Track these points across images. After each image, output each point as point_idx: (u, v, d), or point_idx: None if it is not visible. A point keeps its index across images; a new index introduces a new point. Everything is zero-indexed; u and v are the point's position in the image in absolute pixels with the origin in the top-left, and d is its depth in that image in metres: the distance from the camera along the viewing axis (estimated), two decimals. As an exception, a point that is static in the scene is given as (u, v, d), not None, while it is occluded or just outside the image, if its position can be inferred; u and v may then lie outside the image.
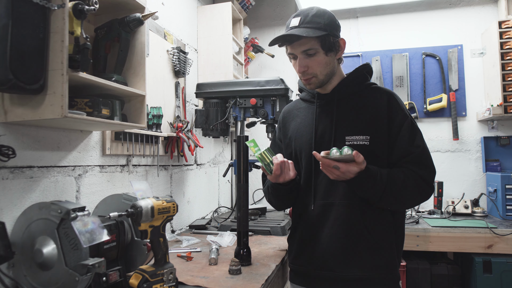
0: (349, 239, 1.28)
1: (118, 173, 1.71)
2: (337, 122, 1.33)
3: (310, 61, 1.28)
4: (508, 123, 2.87)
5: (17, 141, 1.19)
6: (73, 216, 0.97)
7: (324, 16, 1.26)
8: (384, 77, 3.10)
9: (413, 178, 1.24)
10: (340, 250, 1.28)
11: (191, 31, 2.56)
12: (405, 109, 1.33)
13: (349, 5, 3.09)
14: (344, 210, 1.29)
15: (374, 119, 1.30)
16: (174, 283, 1.14)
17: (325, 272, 1.31)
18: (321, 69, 1.30)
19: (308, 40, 1.25)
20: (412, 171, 1.25)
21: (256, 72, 3.39)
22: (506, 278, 2.26)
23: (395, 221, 1.32)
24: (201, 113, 2.03)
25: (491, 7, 2.93)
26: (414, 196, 1.28)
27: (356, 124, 1.30)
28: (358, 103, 1.34)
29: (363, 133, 1.29)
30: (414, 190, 1.25)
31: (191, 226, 2.19)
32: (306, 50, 1.26)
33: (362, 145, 1.27)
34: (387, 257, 1.28)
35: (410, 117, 1.31)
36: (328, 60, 1.30)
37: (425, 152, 1.29)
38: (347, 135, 1.30)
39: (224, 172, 2.11)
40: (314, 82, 1.33)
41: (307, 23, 1.24)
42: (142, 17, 1.34)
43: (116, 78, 1.32)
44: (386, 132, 1.29)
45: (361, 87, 1.37)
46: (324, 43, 1.26)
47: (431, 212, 2.73)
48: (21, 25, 0.97)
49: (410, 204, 1.36)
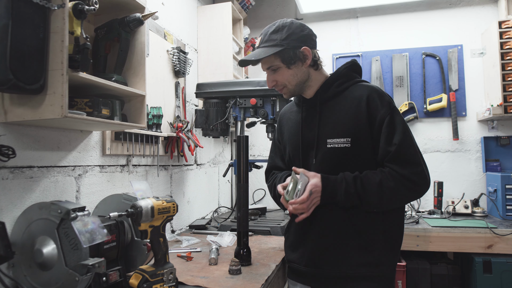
0: (336, 238, 1.30)
1: (118, 173, 1.71)
2: (319, 126, 1.35)
3: (277, 76, 1.35)
4: (508, 123, 2.87)
5: (17, 141, 1.19)
6: (73, 216, 0.97)
7: (282, 31, 1.29)
8: (384, 77, 3.10)
9: (393, 178, 1.22)
10: (328, 249, 1.32)
11: (191, 31, 2.56)
12: (386, 104, 1.27)
13: (349, 5, 3.09)
14: (332, 211, 1.31)
15: (355, 120, 1.28)
16: (174, 283, 1.14)
17: (314, 269, 1.35)
18: (289, 80, 1.35)
19: (268, 59, 1.31)
20: (393, 171, 1.23)
21: (256, 72, 3.39)
22: (506, 278, 2.26)
23: (386, 220, 1.30)
24: (201, 113, 2.03)
25: (491, 7, 2.93)
26: (400, 196, 1.25)
27: (337, 127, 1.31)
28: (340, 105, 1.33)
29: (344, 135, 1.28)
30: (397, 190, 1.22)
31: (191, 226, 2.19)
32: (269, 67, 1.34)
33: (343, 148, 1.28)
34: (376, 255, 1.28)
35: (390, 113, 1.26)
36: (293, 72, 1.33)
37: (403, 149, 1.23)
38: (328, 138, 1.31)
39: (224, 172, 2.12)
40: (286, 92, 1.39)
41: (265, 42, 1.31)
42: (142, 17, 1.34)
43: (116, 78, 1.32)
44: (368, 133, 1.27)
45: (344, 87, 1.35)
46: (284, 58, 1.30)
47: (431, 212, 2.73)
48: (21, 25, 0.97)
49: (399, 203, 1.31)
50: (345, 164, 1.29)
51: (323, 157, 1.32)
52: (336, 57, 3.18)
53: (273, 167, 1.57)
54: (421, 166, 1.24)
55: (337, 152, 1.29)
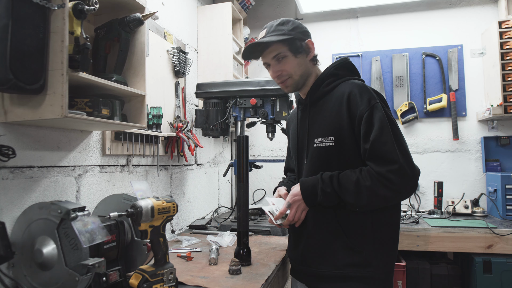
0: (324, 238, 1.32)
1: (118, 173, 1.71)
2: (309, 126, 1.38)
3: (282, 65, 1.36)
4: (508, 123, 2.87)
5: (17, 141, 1.19)
6: (73, 216, 0.97)
7: (287, 24, 1.35)
8: (384, 77, 3.10)
9: (370, 176, 1.19)
10: (316, 249, 1.35)
11: (191, 31, 2.56)
12: (366, 101, 1.24)
13: (349, 5, 3.09)
14: (321, 212, 1.33)
15: (337, 118, 1.28)
16: (174, 283, 1.14)
17: (304, 267, 1.40)
18: (295, 70, 1.36)
19: (275, 46, 1.33)
20: (370, 169, 1.21)
21: (256, 72, 3.39)
22: (506, 278, 2.26)
23: (375, 220, 1.28)
24: (201, 113, 2.03)
25: (491, 7, 2.93)
26: (379, 195, 1.19)
27: (323, 126, 1.32)
28: (326, 104, 1.34)
29: (328, 134, 1.29)
30: (374, 188, 1.18)
31: (191, 226, 2.19)
32: (276, 55, 1.34)
33: (328, 147, 1.29)
34: (364, 256, 1.27)
35: (369, 109, 1.22)
36: (299, 61, 1.36)
37: (378, 146, 1.19)
38: (315, 138, 1.33)
39: (224, 172, 2.12)
40: (290, 83, 1.38)
41: (272, 32, 1.34)
42: (142, 17, 1.34)
43: (116, 78, 1.32)
44: (351, 130, 1.26)
45: (332, 86, 1.35)
46: (291, 46, 1.33)
47: (431, 212, 2.73)
48: (21, 25, 0.97)
49: (382, 202, 1.23)
50: (331, 163, 1.29)
51: (312, 157, 1.35)
52: (336, 57, 3.18)
53: (287, 169, 1.76)
54: (398, 163, 1.16)
55: (322, 151, 1.31)
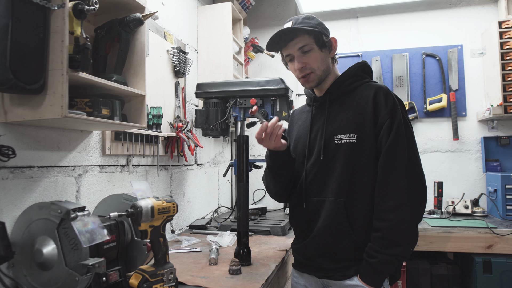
0: (332, 234, 1.31)
1: (118, 173, 1.70)
2: (328, 123, 1.37)
3: (307, 58, 1.34)
4: (508, 123, 2.87)
5: (17, 141, 1.19)
6: (73, 216, 0.97)
7: (313, 19, 1.36)
8: (384, 77, 3.10)
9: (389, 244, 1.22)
10: (323, 244, 1.33)
11: (191, 31, 2.56)
12: (391, 106, 1.27)
13: (349, 5, 3.09)
14: (330, 208, 1.31)
15: (361, 116, 1.30)
16: (174, 283, 1.14)
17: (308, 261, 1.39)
18: (318, 64, 1.35)
19: (303, 37, 1.32)
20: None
21: (256, 72, 3.39)
22: (506, 278, 2.26)
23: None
24: (201, 113, 2.03)
25: (491, 7, 2.93)
26: (410, 236, 1.30)
27: (344, 123, 1.33)
28: (349, 102, 1.35)
29: (351, 131, 1.30)
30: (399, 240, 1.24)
31: (191, 226, 2.19)
32: (302, 46, 1.33)
33: (349, 144, 1.30)
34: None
35: (391, 117, 1.26)
36: (324, 56, 1.36)
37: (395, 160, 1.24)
38: (335, 135, 1.33)
39: (224, 172, 2.11)
40: (312, 78, 1.37)
41: (299, 24, 1.33)
42: (142, 17, 1.34)
43: (116, 78, 1.32)
44: (372, 129, 1.28)
45: (354, 86, 1.37)
46: (318, 40, 1.33)
47: (431, 212, 2.73)
48: (21, 25, 0.97)
49: (415, 228, 1.38)
50: (351, 160, 1.30)
51: (331, 154, 1.34)
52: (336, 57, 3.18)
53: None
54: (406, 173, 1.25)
55: (343, 148, 1.30)
